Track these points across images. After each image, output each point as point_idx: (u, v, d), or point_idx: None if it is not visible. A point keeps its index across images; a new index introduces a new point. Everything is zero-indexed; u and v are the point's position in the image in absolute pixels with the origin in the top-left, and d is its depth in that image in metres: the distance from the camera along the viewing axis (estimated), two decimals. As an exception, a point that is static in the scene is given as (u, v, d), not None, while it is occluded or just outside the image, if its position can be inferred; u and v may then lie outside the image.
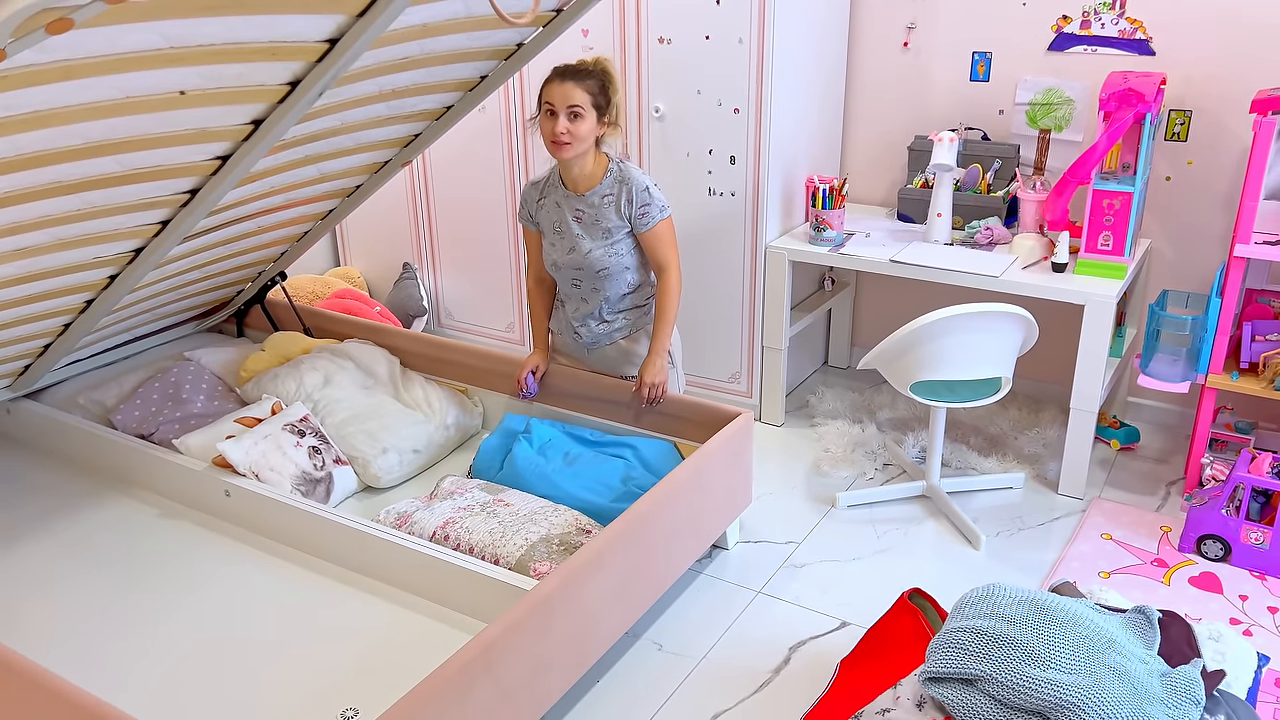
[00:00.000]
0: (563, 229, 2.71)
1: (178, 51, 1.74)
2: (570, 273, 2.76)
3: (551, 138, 2.55)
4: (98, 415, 3.08)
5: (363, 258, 4.45)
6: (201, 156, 2.22)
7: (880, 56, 3.65)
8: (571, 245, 2.70)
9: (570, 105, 2.51)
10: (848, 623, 2.59)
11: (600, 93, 2.56)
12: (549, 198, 2.74)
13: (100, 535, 2.67)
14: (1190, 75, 3.17)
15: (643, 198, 2.64)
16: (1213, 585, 2.70)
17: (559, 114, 2.52)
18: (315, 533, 2.53)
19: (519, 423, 2.91)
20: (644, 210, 2.65)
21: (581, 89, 2.52)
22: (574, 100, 2.51)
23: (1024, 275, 3.05)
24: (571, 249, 2.70)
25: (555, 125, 2.53)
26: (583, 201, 2.68)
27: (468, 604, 2.30)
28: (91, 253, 2.40)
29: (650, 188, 2.66)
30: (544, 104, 2.55)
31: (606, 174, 2.67)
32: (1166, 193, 3.33)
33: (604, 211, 2.66)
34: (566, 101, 2.51)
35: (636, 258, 2.73)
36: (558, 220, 2.72)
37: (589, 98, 2.53)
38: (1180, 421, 3.52)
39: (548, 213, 2.74)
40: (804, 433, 3.56)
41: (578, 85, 2.52)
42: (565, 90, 2.51)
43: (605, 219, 2.67)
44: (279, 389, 3.02)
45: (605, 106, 2.58)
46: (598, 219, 2.67)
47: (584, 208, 2.68)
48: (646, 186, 2.66)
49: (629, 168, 2.67)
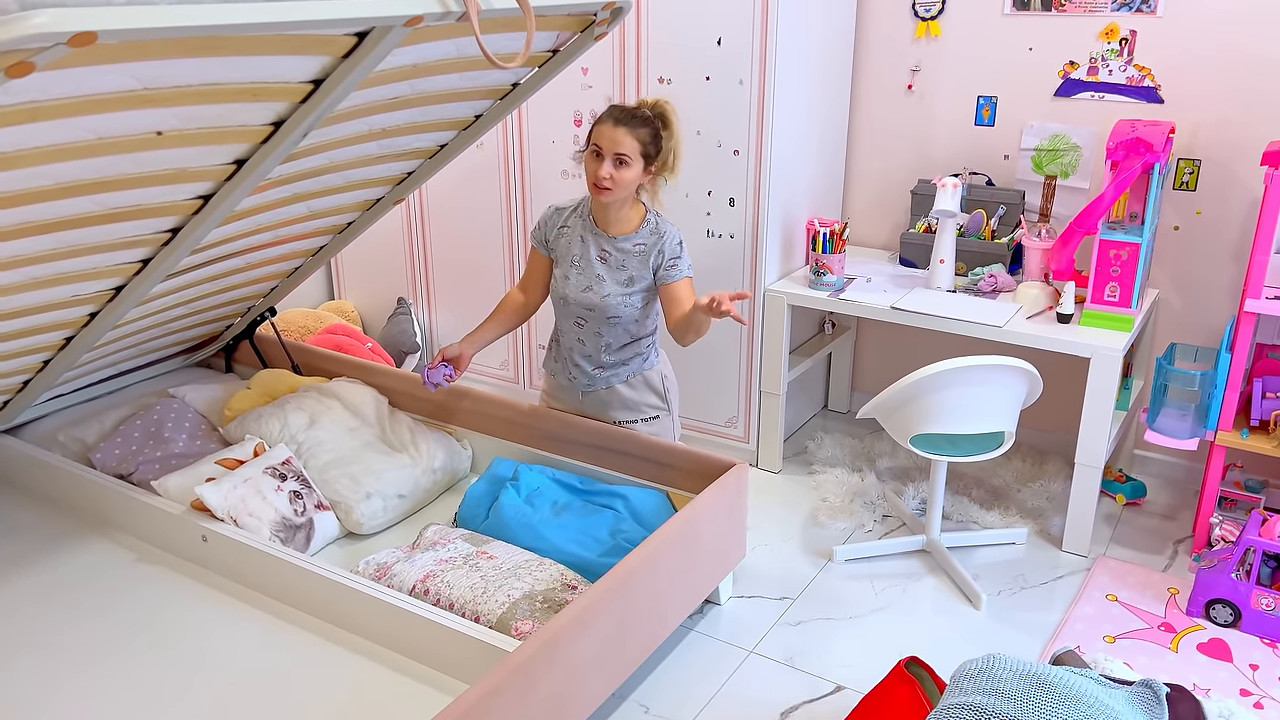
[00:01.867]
0: (584, 265, 2.62)
1: (152, 93, 1.68)
2: (578, 310, 2.66)
3: (594, 180, 2.48)
4: (78, 453, 3.00)
5: (357, 292, 4.39)
6: (182, 196, 2.16)
7: (884, 99, 3.60)
8: (589, 284, 2.61)
9: (617, 153, 2.44)
10: (843, 687, 2.49)
11: (652, 141, 2.48)
12: (572, 229, 2.65)
13: (76, 581, 2.58)
14: (1199, 124, 3.12)
15: (674, 250, 2.58)
16: (1222, 653, 2.60)
17: (605, 158, 2.45)
18: (292, 582, 2.44)
19: (507, 469, 2.83)
20: (675, 263, 2.58)
21: (633, 137, 2.44)
22: (622, 148, 2.44)
23: (1028, 325, 2.98)
24: (588, 287, 2.61)
25: (599, 169, 2.46)
26: (611, 244, 2.60)
27: (447, 663, 2.21)
28: (69, 291, 2.34)
29: (683, 243, 2.61)
30: (591, 143, 2.48)
31: (644, 224, 2.59)
32: (1175, 243, 3.26)
33: (631, 259, 2.59)
34: (615, 148, 2.44)
35: (645, 309, 2.66)
36: (580, 254, 2.63)
37: (638, 146, 2.45)
38: (1188, 476, 3.43)
39: (566, 243, 2.65)
40: (802, 480, 3.47)
41: (629, 133, 2.44)
42: (616, 136, 2.43)
43: (631, 266, 2.59)
44: (263, 429, 2.95)
45: (655, 155, 2.50)
46: (624, 264, 2.60)
47: (611, 250, 2.60)
48: (680, 240, 2.60)
49: (664, 222, 2.61)
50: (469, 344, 2.82)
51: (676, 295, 2.60)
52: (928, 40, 3.46)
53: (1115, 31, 3.16)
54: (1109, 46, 3.18)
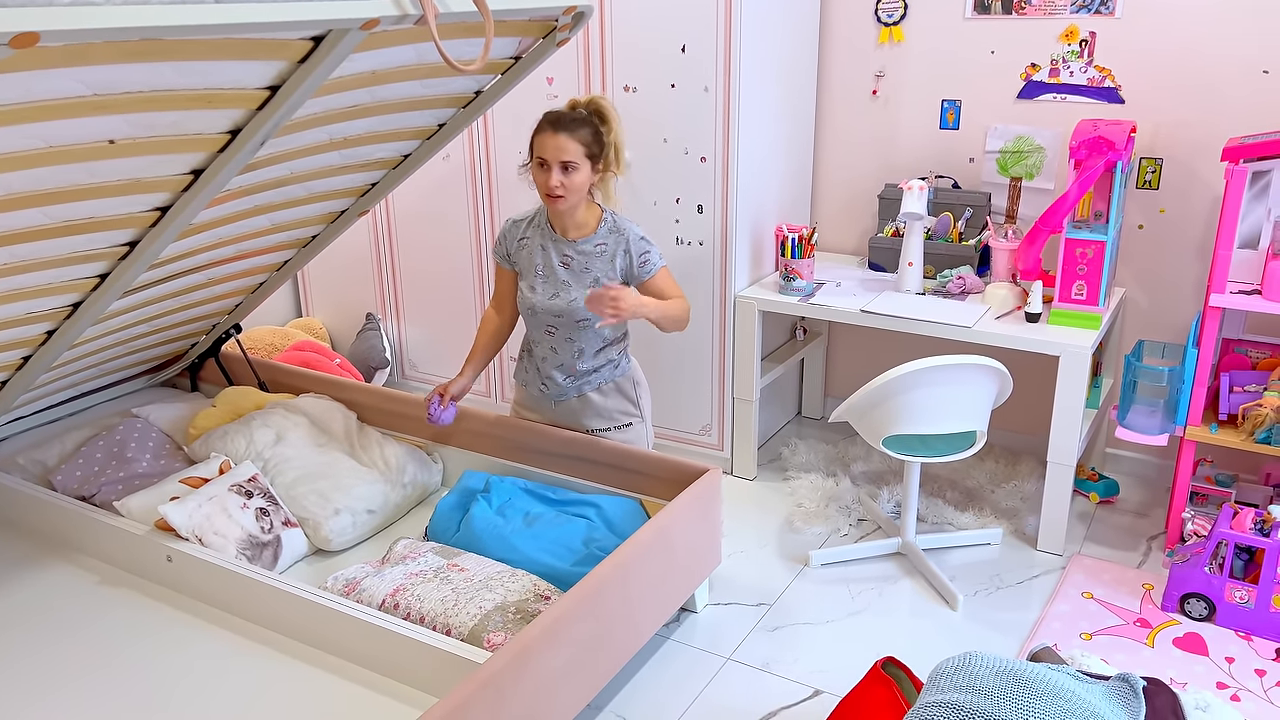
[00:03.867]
0: (548, 273, 2.60)
1: (102, 99, 1.64)
2: (547, 319, 2.63)
3: (546, 191, 2.45)
4: (38, 476, 2.94)
5: (325, 308, 4.35)
6: (139, 208, 2.12)
7: (849, 104, 3.61)
8: (555, 291, 2.59)
9: (563, 160, 2.42)
10: (821, 691, 2.47)
11: (594, 140, 2.45)
12: (532, 239, 2.63)
13: (38, 605, 2.52)
14: (1160, 123, 3.15)
15: (641, 246, 2.56)
16: (1198, 647, 2.60)
17: (552, 167, 2.43)
18: (260, 600, 2.39)
19: (478, 481, 2.79)
20: (644, 258, 2.56)
21: (574, 140, 2.41)
22: (567, 154, 2.41)
23: (997, 325, 2.99)
24: (555, 294, 2.59)
25: (549, 179, 2.43)
26: (572, 248, 2.57)
27: (418, 677, 2.17)
28: (23, 308, 2.29)
29: (645, 236, 2.58)
30: (534, 155, 2.46)
31: (601, 223, 2.57)
32: (1139, 241, 3.28)
33: (594, 261, 2.57)
34: (560, 155, 2.41)
35: None
36: (542, 263, 2.61)
37: (582, 148, 2.43)
38: (1159, 473, 3.44)
39: (529, 254, 2.63)
40: (776, 486, 3.46)
41: (570, 137, 2.41)
42: (558, 143, 2.41)
43: (595, 268, 2.57)
44: (228, 447, 2.90)
45: (600, 154, 2.48)
46: (587, 267, 2.57)
47: (573, 254, 2.58)
48: (642, 236, 2.58)
49: (621, 220, 2.59)
50: (466, 378, 2.82)
51: (656, 289, 2.59)
52: (891, 45, 3.48)
53: (1075, 33, 3.19)
54: (1069, 48, 3.21)
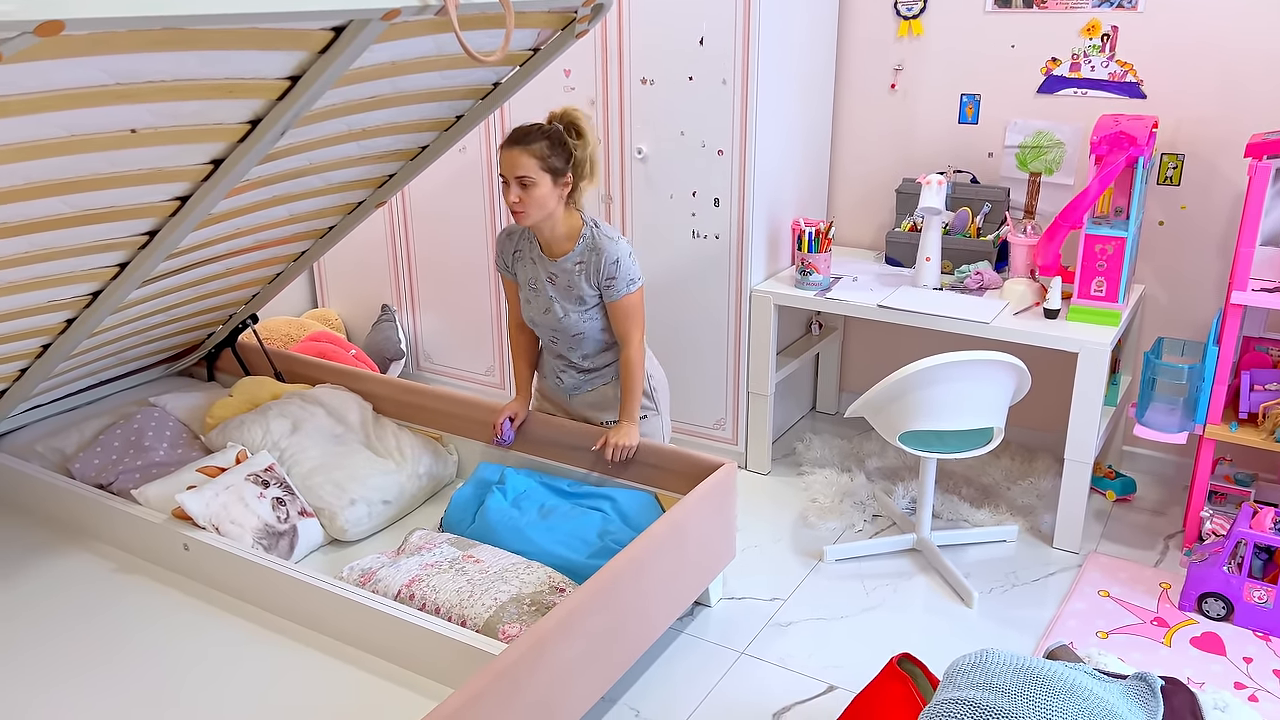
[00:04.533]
0: (538, 288, 2.62)
1: (125, 88, 1.65)
2: (547, 331, 2.68)
3: (509, 207, 2.46)
4: (56, 464, 2.96)
5: (341, 299, 4.36)
6: (159, 197, 2.12)
7: (867, 98, 3.60)
8: (546, 306, 2.61)
9: (518, 175, 2.41)
10: (835, 686, 2.46)
11: (553, 153, 2.42)
12: (524, 253, 2.65)
13: (56, 592, 2.54)
14: (1182, 118, 3.12)
15: (610, 270, 2.53)
16: (1215, 646, 2.58)
17: (510, 183, 2.43)
18: (276, 589, 2.40)
19: (493, 472, 2.80)
20: (610, 283, 2.54)
21: (527, 154, 2.40)
22: (521, 169, 2.40)
23: (1015, 321, 2.97)
24: (547, 310, 2.62)
25: (509, 196, 2.44)
26: (556, 266, 2.58)
27: (432, 668, 2.18)
28: (45, 296, 2.30)
29: (621, 259, 2.53)
30: (500, 173, 2.47)
31: (580, 240, 2.55)
32: (1160, 238, 3.26)
33: (575, 279, 2.56)
34: (514, 171, 2.41)
35: (608, 320, 2.64)
36: (533, 278, 2.63)
37: (536, 162, 2.40)
38: (1178, 472, 3.42)
39: (524, 267, 2.65)
40: (791, 481, 3.45)
41: (524, 151, 2.40)
42: (511, 157, 2.41)
43: (577, 286, 2.57)
44: (245, 436, 2.91)
45: (562, 167, 2.45)
46: (570, 284, 2.57)
47: (557, 272, 2.58)
48: (617, 259, 2.53)
49: (601, 236, 2.54)
50: (521, 399, 2.87)
51: (615, 314, 2.59)
52: (910, 39, 3.46)
53: (1097, 28, 3.16)
54: (1091, 43, 3.18)
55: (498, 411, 2.90)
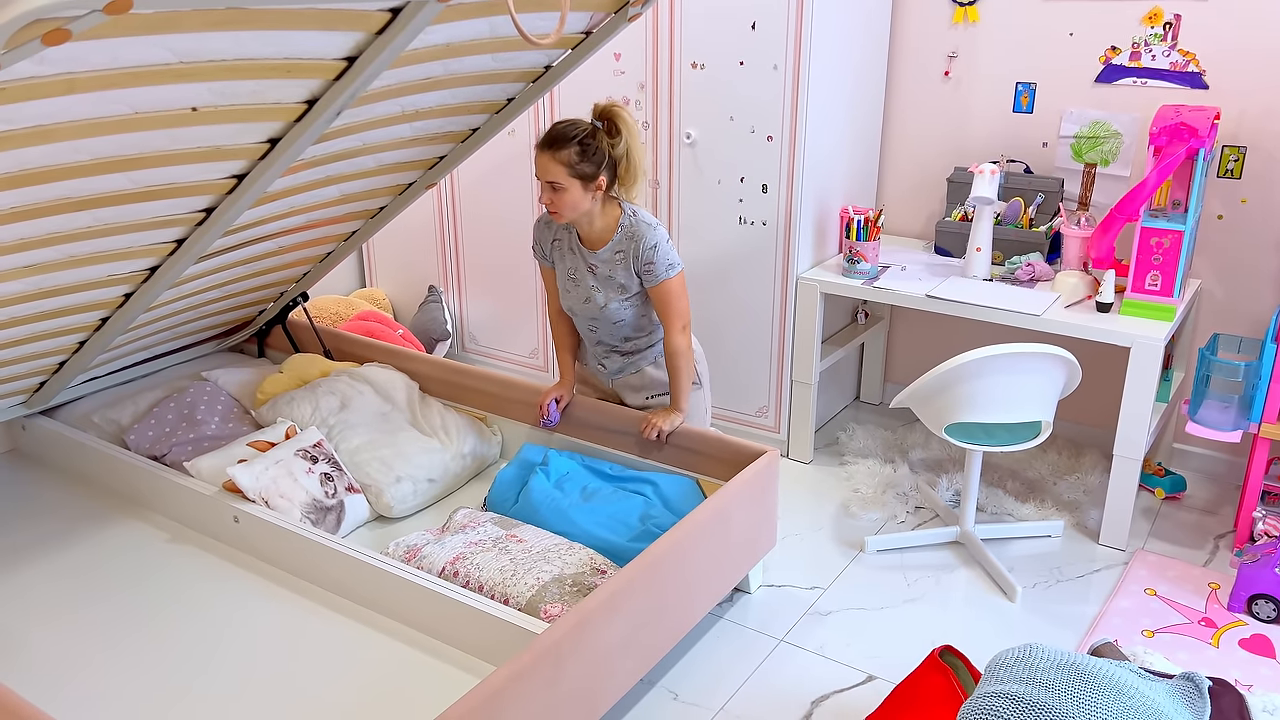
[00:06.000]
0: (578, 278, 2.63)
1: (187, 67, 1.68)
2: (585, 320, 2.70)
3: (545, 206, 2.49)
4: (112, 434, 3.03)
5: (388, 280, 4.40)
6: (216, 175, 2.16)
7: (920, 85, 3.55)
8: (587, 296, 2.63)
9: (547, 179, 2.43)
10: (874, 677, 2.46)
11: (582, 160, 2.41)
12: (563, 242, 2.65)
13: (108, 560, 2.61)
14: (1245, 110, 3.04)
15: (647, 255, 2.53)
16: (1265, 649, 2.54)
17: (543, 185, 2.45)
18: (322, 563, 2.45)
19: (537, 454, 2.82)
20: (649, 268, 2.55)
21: (556, 161, 2.40)
22: (550, 174, 2.42)
23: (1067, 314, 2.93)
24: (587, 299, 2.63)
25: (543, 196, 2.47)
26: (596, 257, 2.59)
27: (475, 644, 2.21)
28: (104, 270, 2.35)
29: (659, 244, 2.53)
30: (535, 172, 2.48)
31: (618, 229, 2.56)
32: (1218, 232, 3.19)
33: (616, 268, 2.58)
34: (544, 175, 2.43)
35: (647, 306, 2.66)
36: (573, 268, 2.64)
37: (564, 169, 2.40)
38: (1229, 471, 3.36)
39: (564, 257, 2.66)
40: (833, 471, 3.44)
41: (553, 158, 2.40)
42: (542, 162, 2.42)
43: (618, 275, 2.58)
44: (294, 412, 2.96)
45: (592, 173, 2.44)
46: (611, 274, 2.59)
47: (597, 263, 2.60)
48: (655, 244, 2.53)
49: (639, 223, 2.55)
50: (565, 381, 2.88)
51: (656, 298, 2.60)
52: (965, 26, 3.41)
53: (1159, 16, 3.09)
54: (1152, 31, 3.12)
55: (542, 393, 2.92)
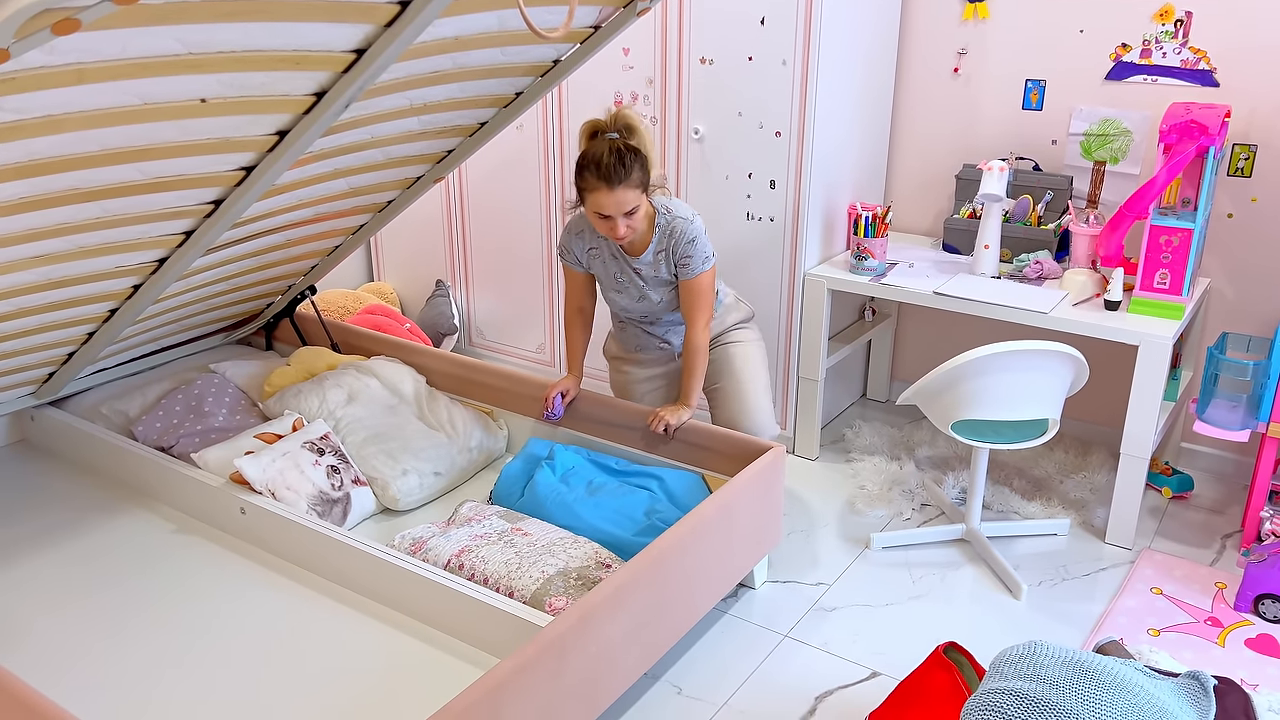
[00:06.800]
0: (625, 283, 2.70)
1: (196, 58, 1.68)
2: (637, 315, 2.79)
3: (613, 237, 2.51)
4: (120, 425, 3.04)
5: (396, 273, 4.41)
6: (225, 167, 2.17)
7: (929, 82, 3.54)
8: (639, 295, 2.70)
9: (626, 211, 2.45)
10: (878, 673, 2.46)
11: (640, 169, 2.46)
12: (600, 250, 2.69)
13: (115, 550, 2.62)
14: (1256, 108, 3.03)
15: (685, 250, 2.59)
16: (1271, 649, 2.53)
17: (616, 219, 2.46)
18: (328, 555, 2.45)
19: (543, 448, 2.82)
20: (686, 261, 2.61)
21: (629, 188, 2.42)
22: (629, 204, 2.44)
23: (1075, 312, 2.92)
24: (640, 298, 2.71)
25: (615, 229, 2.48)
26: (640, 262, 2.65)
27: (479, 637, 2.21)
28: (113, 261, 2.36)
29: (698, 238, 2.59)
30: (592, 210, 2.47)
31: (655, 229, 2.61)
32: (1228, 230, 3.18)
33: (660, 268, 2.66)
34: (623, 208, 2.44)
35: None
36: (617, 272, 2.69)
37: (638, 191, 2.46)
38: (1237, 470, 3.35)
39: (604, 264, 2.71)
40: (839, 468, 3.44)
41: (627, 187, 2.42)
42: (616, 198, 2.42)
43: (663, 270, 2.66)
44: (301, 405, 2.97)
45: (647, 178, 2.49)
46: (657, 272, 2.66)
47: (642, 265, 2.66)
48: (693, 238, 2.58)
49: (674, 218, 2.60)
50: (572, 376, 2.90)
51: (685, 291, 2.65)
52: (975, 22, 3.40)
53: (1170, 13, 3.08)
54: (1163, 28, 3.10)
55: (549, 387, 2.92)
